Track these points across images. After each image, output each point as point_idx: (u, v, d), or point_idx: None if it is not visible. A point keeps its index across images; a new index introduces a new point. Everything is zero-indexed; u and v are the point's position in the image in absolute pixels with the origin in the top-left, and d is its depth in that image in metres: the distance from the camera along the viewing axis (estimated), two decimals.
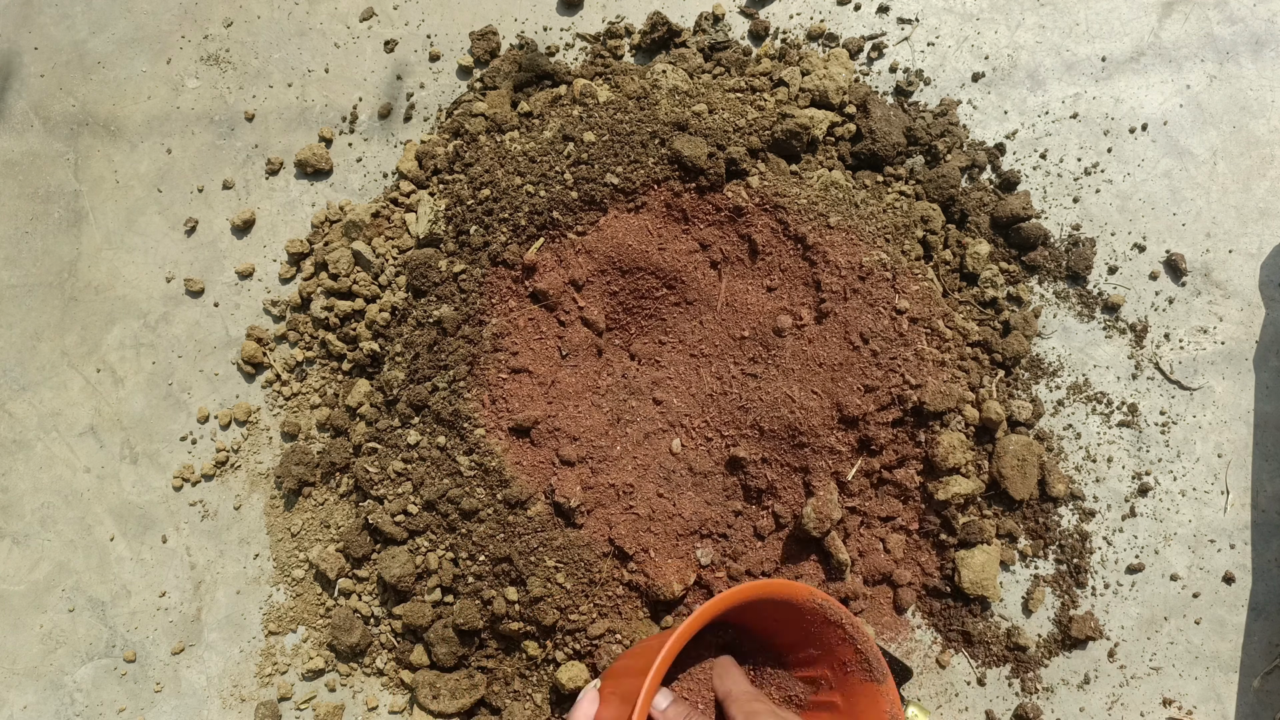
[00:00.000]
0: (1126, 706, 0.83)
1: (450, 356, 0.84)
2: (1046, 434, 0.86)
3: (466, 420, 0.83)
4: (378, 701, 0.87)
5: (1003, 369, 0.87)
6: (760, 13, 0.95)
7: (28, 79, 0.99)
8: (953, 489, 0.81)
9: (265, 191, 0.96)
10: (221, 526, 0.91)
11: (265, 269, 0.95)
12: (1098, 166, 0.90)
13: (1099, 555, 0.85)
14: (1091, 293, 0.88)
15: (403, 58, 0.97)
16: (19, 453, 0.93)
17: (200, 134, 0.97)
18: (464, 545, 0.83)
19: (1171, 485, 0.86)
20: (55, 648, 0.90)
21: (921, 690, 0.84)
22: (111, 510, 0.92)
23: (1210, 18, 0.92)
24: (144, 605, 0.90)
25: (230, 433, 0.92)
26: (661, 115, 0.86)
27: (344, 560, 0.88)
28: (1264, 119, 0.90)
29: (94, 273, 0.95)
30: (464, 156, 0.90)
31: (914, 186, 0.88)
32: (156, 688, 0.89)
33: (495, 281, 0.86)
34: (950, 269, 0.87)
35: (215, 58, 0.98)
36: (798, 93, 0.89)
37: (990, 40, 0.93)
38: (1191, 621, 0.84)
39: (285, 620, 0.89)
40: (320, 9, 0.98)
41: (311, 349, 0.92)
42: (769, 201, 0.86)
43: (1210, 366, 0.87)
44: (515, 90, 0.93)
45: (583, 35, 0.95)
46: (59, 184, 0.97)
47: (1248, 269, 0.88)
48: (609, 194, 0.86)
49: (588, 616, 0.81)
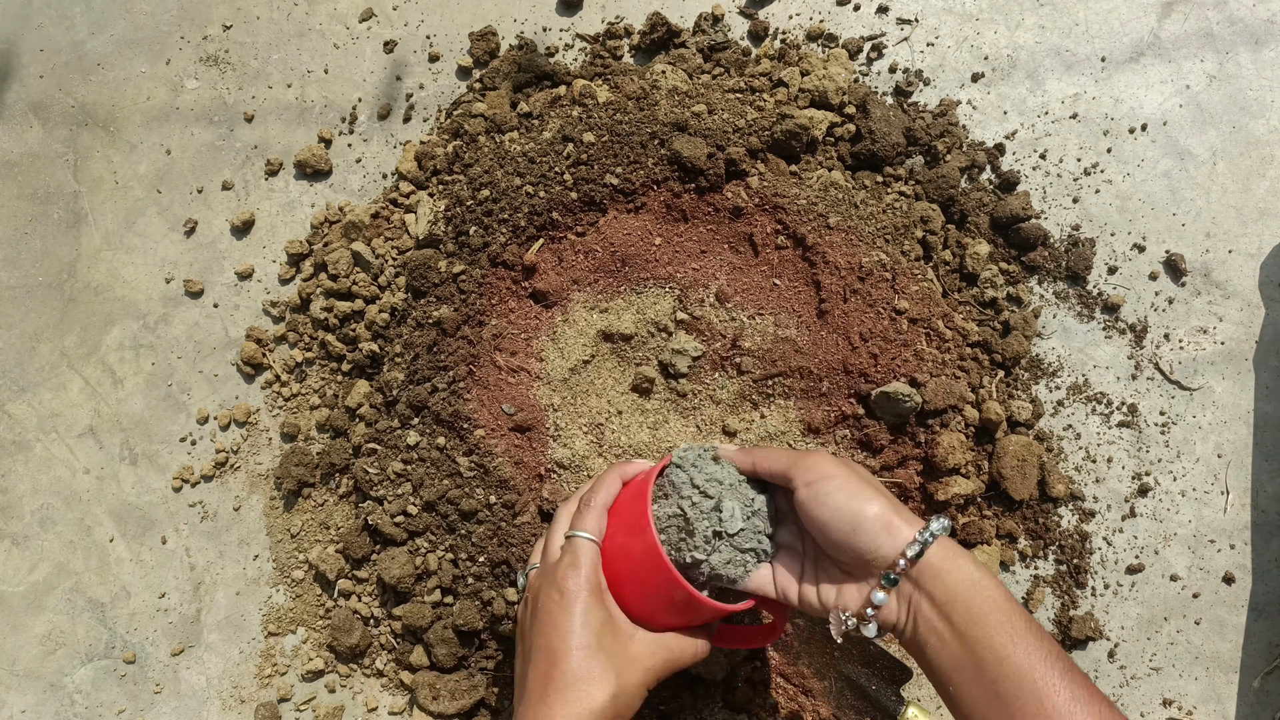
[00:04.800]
0: (1126, 707, 0.83)
1: (450, 357, 0.84)
2: (1046, 434, 0.86)
3: (466, 421, 0.83)
4: (378, 703, 0.87)
5: (1003, 369, 0.87)
6: (760, 13, 0.95)
7: (27, 79, 0.99)
8: (953, 489, 0.81)
9: (265, 192, 0.96)
10: (221, 527, 0.91)
11: (265, 270, 0.95)
12: (1097, 166, 0.90)
13: (1099, 555, 0.85)
14: (1091, 293, 0.88)
15: (402, 58, 0.97)
16: (18, 454, 0.93)
17: (200, 134, 0.97)
18: (464, 546, 0.83)
19: (1171, 485, 0.86)
20: (55, 649, 0.90)
21: (921, 690, 0.84)
22: (111, 511, 0.92)
23: (1210, 18, 0.92)
24: (143, 606, 0.90)
25: (230, 434, 0.92)
26: (661, 116, 0.86)
27: (344, 561, 0.88)
28: (1264, 119, 0.90)
29: (93, 274, 0.95)
30: (463, 157, 0.90)
31: (914, 187, 0.88)
32: (156, 689, 0.89)
33: (495, 282, 0.86)
34: (950, 269, 0.87)
35: (214, 58, 0.98)
36: (797, 93, 0.89)
37: (990, 40, 0.93)
38: (1191, 622, 0.84)
39: (285, 621, 0.89)
40: (319, 10, 0.98)
41: (311, 350, 0.92)
42: (769, 202, 0.86)
43: (1210, 366, 0.87)
44: (515, 91, 0.93)
45: (582, 36, 0.95)
46: (58, 185, 0.97)
47: (1248, 269, 0.88)
48: (608, 195, 0.86)
49: None
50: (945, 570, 0.59)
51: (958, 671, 0.58)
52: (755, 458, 0.68)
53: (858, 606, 0.62)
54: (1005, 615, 0.58)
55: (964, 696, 0.58)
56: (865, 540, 0.61)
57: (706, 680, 0.82)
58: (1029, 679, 0.55)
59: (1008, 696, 0.55)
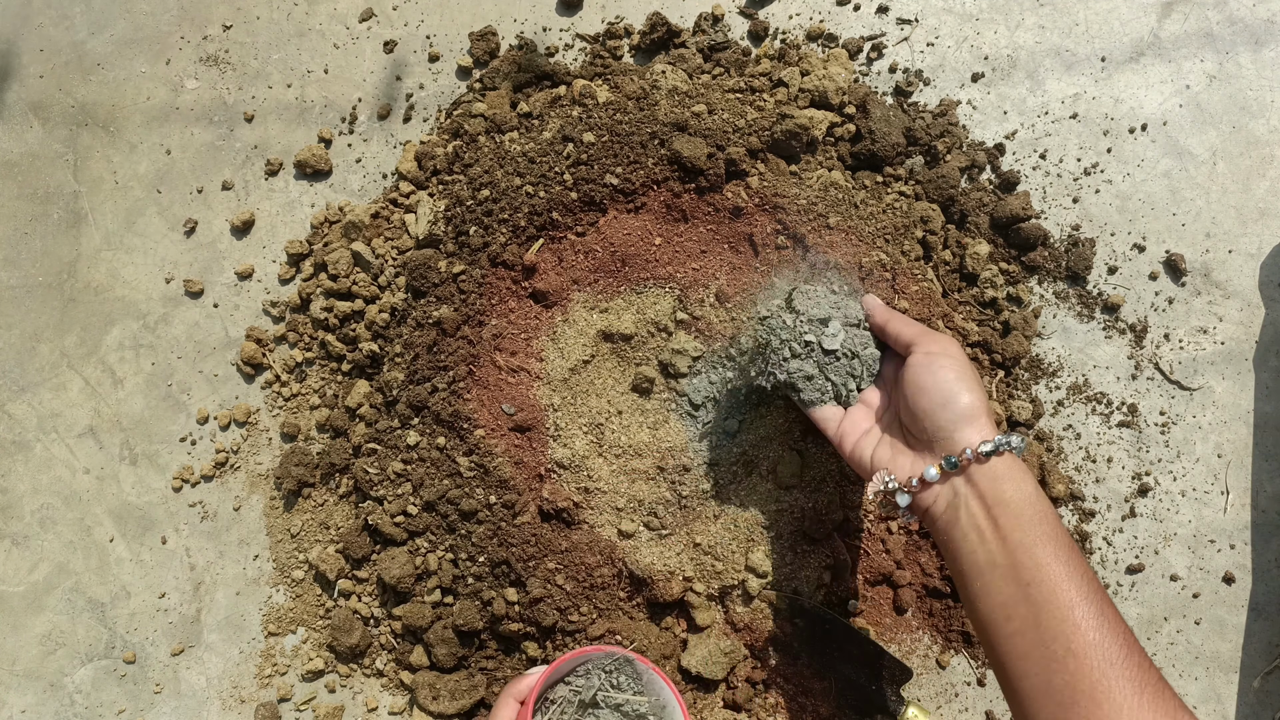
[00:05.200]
0: None
1: (450, 357, 0.84)
2: (1046, 434, 0.86)
3: (466, 421, 0.83)
4: (377, 702, 0.87)
5: (1002, 369, 0.87)
6: (759, 13, 0.95)
7: (27, 79, 0.99)
8: None
9: (265, 192, 0.96)
10: (221, 527, 0.91)
11: (265, 270, 0.95)
12: (1097, 166, 0.90)
13: (1099, 555, 0.85)
14: (1091, 293, 0.88)
15: (402, 58, 0.97)
16: (18, 454, 0.93)
17: (200, 134, 0.97)
18: (464, 546, 0.83)
19: (1171, 485, 0.86)
20: (55, 649, 0.90)
21: (921, 690, 0.84)
22: (111, 511, 0.92)
23: (1210, 18, 0.92)
24: (143, 606, 0.90)
25: (230, 434, 0.92)
26: (661, 116, 0.86)
27: (344, 561, 0.88)
28: (1264, 119, 0.90)
29: (93, 274, 0.95)
30: (463, 157, 0.90)
31: (913, 187, 0.88)
32: (156, 689, 0.89)
33: (495, 282, 0.86)
34: (950, 269, 0.87)
35: (214, 58, 0.98)
36: (797, 93, 0.89)
37: (990, 40, 0.93)
38: (1191, 622, 0.84)
39: (285, 621, 0.89)
40: (319, 10, 0.98)
41: (311, 350, 0.92)
42: (769, 202, 0.86)
43: (1210, 366, 0.87)
44: (515, 91, 0.93)
45: (582, 36, 0.95)
46: (58, 185, 0.97)
47: (1248, 269, 0.88)
48: (608, 195, 0.86)
49: (587, 617, 0.81)
50: (1006, 477, 0.61)
51: (991, 569, 0.59)
52: (892, 317, 0.73)
53: (905, 475, 0.65)
54: (1053, 531, 0.59)
55: (992, 592, 0.59)
56: (949, 418, 0.64)
57: (707, 680, 0.82)
58: (1063, 589, 0.56)
59: (1038, 601, 0.57)
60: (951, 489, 0.63)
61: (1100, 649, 0.54)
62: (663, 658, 0.81)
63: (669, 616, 0.84)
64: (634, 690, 0.67)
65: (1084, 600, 0.56)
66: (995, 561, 0.59)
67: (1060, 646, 0.55)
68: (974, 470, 0.62)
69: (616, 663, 0.68)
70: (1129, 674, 0.53)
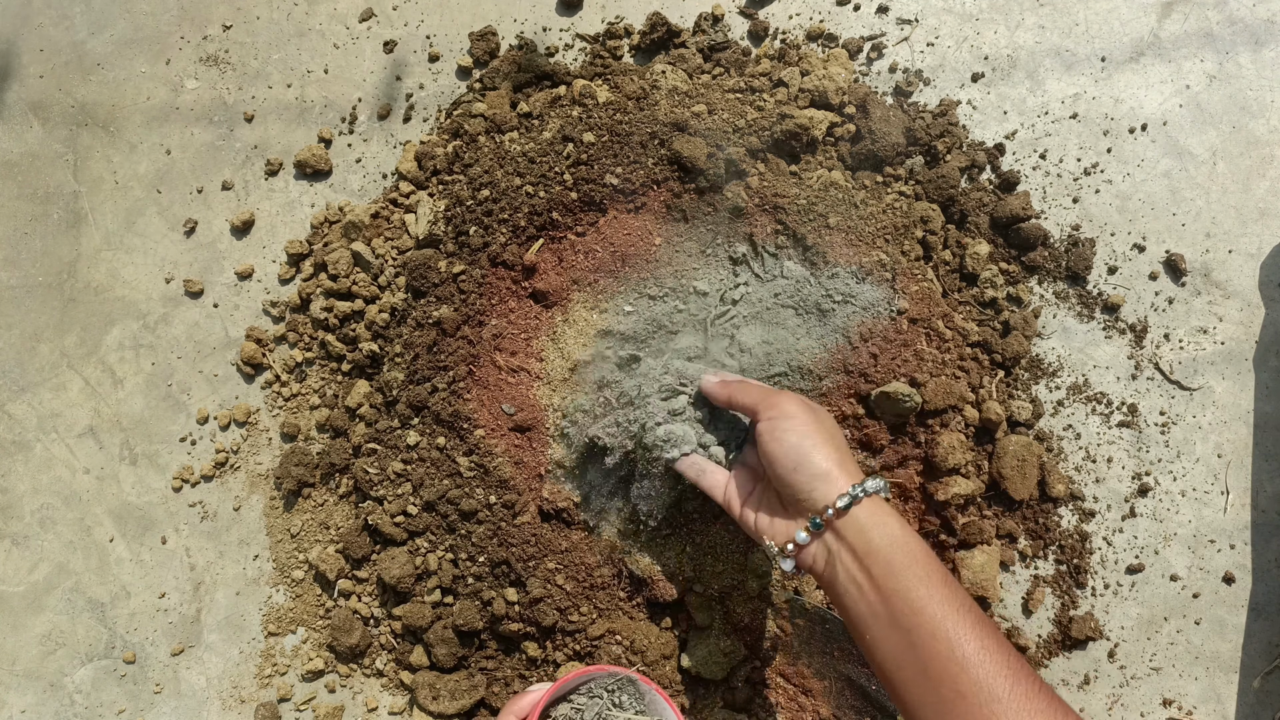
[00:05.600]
0: (1126, 707, 0.83)
1: (450, 357, 0.84)
2: (1046, 434, 0.86)
3: (466, 421, 0.83)
4: (377, 703, 0.87)
5: (1002, 369, 0.87)
6: (759, 13, 0.95)
7: (27, 79, 0.99)
8: (953, 489, 0.81)
9: (264, 192, 0.96)
10: (221, 527, 0.91)
11: (264, 270, 0.95)
12: (1097, 166, 0.90)
13: (1099, 555, 0.85)
14: (1091, 293, 0.88)
15: (402, 58, 0.97)
16: (18, 454, 0.93)
17: (200, 134, 0.97)
18: (464, 546, 0.83)
19: (1171, 485, 0.86)
20: (55, 649, 0.90)
21: None
22: (111, 511, 0.92)
23: (1210, 18, 0.92)
24: (143, 606, 0.90)
25: (230, 434, 0.92)
26: (661, 116, 0.86)
27: (343, 561, 0.88)
28: (1263, 119, 0.90)
29: (93, 274, 0.95)
30: (463, 157, 0.90)
31: (913, 187, 0.88)
32: (156, 689, 0.89)
33: (495, 282, 0.86)
34: (950, 269, 0.87)
35: (214, 58, 0.98)
36: (797, 93, 0.89)
37: (990, 40, 0.93)
38: (1191, 622, 0.84)
39: (285, 621, 0.89)
40: (319, 10, 0.98)
41: (311, 350, 0.92)
42: (769, 202, 0.86)
43: (1210, 366, 0.87)
44: (515, 91, 0.93)
45: (582, 36, 0.95)
46: (58, 185, 0.97)
47: (1248, 269, 0.88)
48: (609, 195, 0.86)
49: (587, 617, 0.81)
50: (870, 525, 0.63)
51: (874, 620, 0.61)
52: (732, 390, 0.72)
53: (782, 540, 0.66)
54: (923, 570, 0.60)
55: (880, 643, 0.61)
56: (803, 481, 0.65)
57: (707, 680, 0.82)
58: (941, 629, 0.58)
59: (920, 645, 0.58)
60: (824, 547, 0.65)
61: (985, 688, 0.55)
62: (663, 658, 0.81)
63: (668, 616, 0.84)
64: (636, 709, 0.67)
65: (964, 637, 0.57)
66: (876, 612, 0.61)
67: (948, 690, 0.56)
68: (840, 524, 0.64)
69: (619, 682, 0.68)
70: (1015, 704, 0.55)
